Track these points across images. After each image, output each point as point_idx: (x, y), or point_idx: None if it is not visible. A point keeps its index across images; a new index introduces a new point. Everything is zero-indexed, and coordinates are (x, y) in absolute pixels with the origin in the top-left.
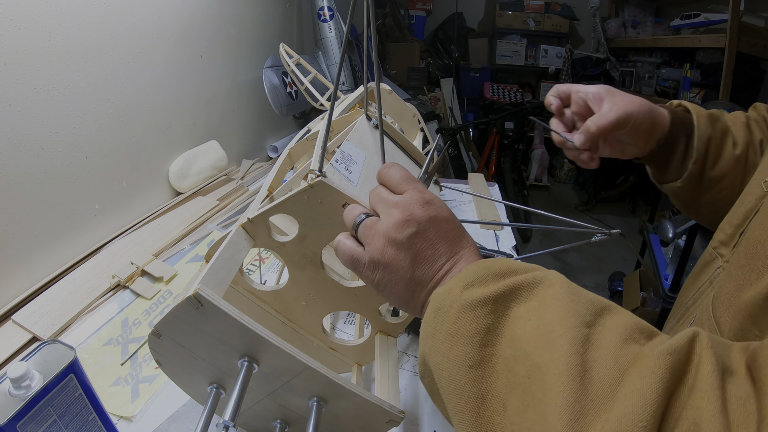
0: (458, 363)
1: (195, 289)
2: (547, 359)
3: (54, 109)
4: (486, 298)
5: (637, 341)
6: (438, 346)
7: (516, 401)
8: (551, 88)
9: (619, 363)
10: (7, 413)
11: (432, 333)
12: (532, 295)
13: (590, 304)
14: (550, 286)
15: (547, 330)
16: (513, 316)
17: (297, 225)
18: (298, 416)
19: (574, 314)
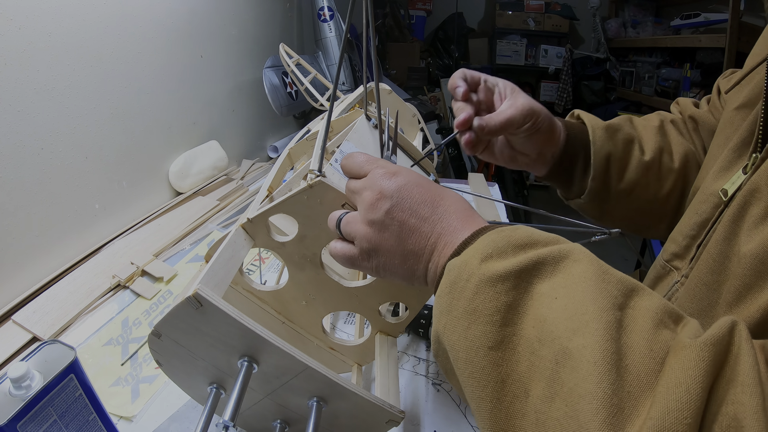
0: (476, 343)
1: (194, 289)
2: (580, 344)
3: (54, 109)
4: (507, 272)
5: (668, 326)
6: (454, 324)
7: (541, 388)
8: (457, 72)
9: (653, 351)
10: (8, 413)
11: (447, 309)
12: (557, 270)
13: (620, 284)
14: (577, 261)
15: (578, 311)
16: (537, 293)
17: (297, 225)
18: (298, 416)
19: (606, 295)
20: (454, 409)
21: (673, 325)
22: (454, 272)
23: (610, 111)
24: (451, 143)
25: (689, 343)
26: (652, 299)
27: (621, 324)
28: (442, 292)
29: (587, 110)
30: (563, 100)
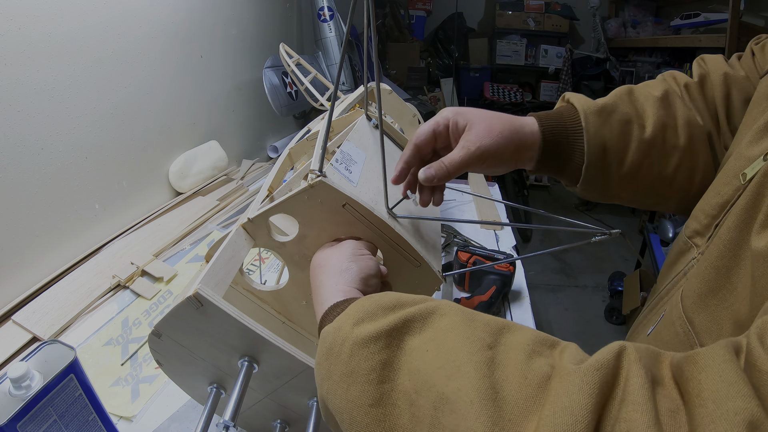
0: (357, 403)
1: (195, 289)
2: (455, 388)
3: (54, 110)
4: (378, 332)
5: (541, 354)
6: (335, 388)
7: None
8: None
9: (528, 378)
10: (8, 413)
11: (327, 375)
12: (426, 325)
13: (487, 326)
14: (443, 315)
15: (448, 359)
16: (409, 348)
17: (297, 225)
18: (298, 416)
19: (473, 339)
20: None
21: (548, 351)
22: (329, 338)
23: None
24: None
25: (573, 369)
26: (522, 334)
27: (493, 361)
28: (321, 359)
29: None
30: None
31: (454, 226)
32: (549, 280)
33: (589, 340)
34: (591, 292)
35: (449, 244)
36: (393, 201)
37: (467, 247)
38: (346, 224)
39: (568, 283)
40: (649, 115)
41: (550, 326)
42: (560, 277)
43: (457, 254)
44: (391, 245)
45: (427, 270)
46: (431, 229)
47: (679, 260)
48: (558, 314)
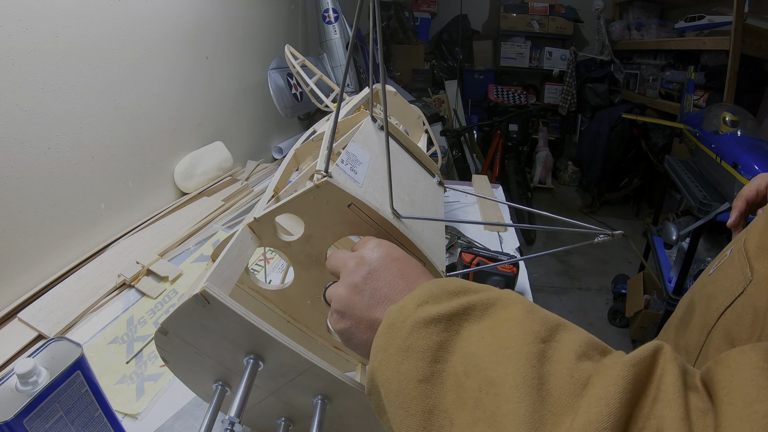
0: (408, 377)
1: (202, 287)
2: (503, 373)
3: (60, 110)
4: (440, 315)
5: (591, 357)
6: (388, 361)
7: (465, 416)
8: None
9: (574, 378)
10: (14, 409)
11: (383, 348)
12: (486, 315)
13: (545, 320)
14: (504, 308)
15: (502, 346)
16: (466, 334)
17: (302, 225)
18: (303, 414)
19: (529, 331)
20: None
21: (597, 356)
22: (392, 315)
23: (614, 113)
24: (456, 145)
25: (611, 364)
26: (577, 334)
27: (544, 355)
28: (381, 333)
29: (591, 112)
30: (567, 102)
31: (458, 228)
32: (552, 282)
33: None
34: (594, 295)
35: (453, 245)
36: (397, 202)
37: (471, 249)
38: (352, 224)
39: (571, 285)
40: None
41: None
42: (563, 279)
43: (460, 255)
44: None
45: (431, 270)
46: (435, 230)
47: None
48: (561, 316)
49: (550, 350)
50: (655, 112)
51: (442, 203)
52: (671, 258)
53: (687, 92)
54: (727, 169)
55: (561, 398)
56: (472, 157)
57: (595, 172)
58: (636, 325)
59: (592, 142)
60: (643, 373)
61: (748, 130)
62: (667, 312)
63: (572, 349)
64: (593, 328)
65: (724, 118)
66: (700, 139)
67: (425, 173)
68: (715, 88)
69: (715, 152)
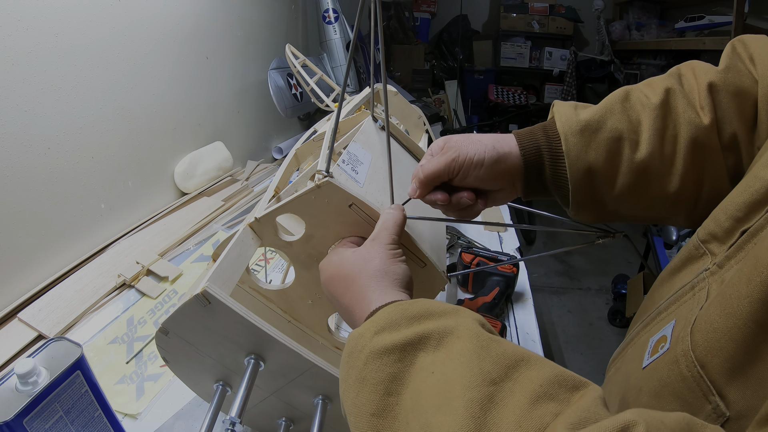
0: (362, 410)
1: (203, 287)
2: (440, 421)
3: (61, 110)
4: (394, 345)
5: (554, 398)
6: (348, 391)
7: None
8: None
9: (522, 428)
10: (14, 409)
11: (345, 377)
12: (440, 345)
13: (501, 357)
14: (459, 338)
15: (445, 388)
16: (418, 366)
17: (303, 225)
18: (303, 414)
19: (477, 372)
20: None
21: (564, 394)
22: (351, 343)
23: None
24: None
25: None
26: (541, 370)
27: (491, 399)
28: (343, 360)
29: None
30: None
31: (458, 228)
32: (552, 282)
33: (592, 343)
34: (594, 295)
35: (453, 246)
36: (399, 201)
37: (471, 249)
38: (353, 224)
39: (571, 285)
40: (644, 129)
41: (553, 328)
42: (564, 279)
43: (461, 255)
44: None
45: (432, 270)
46: (436, 230)
47: (686, 268)
48: (561, 316)
49: (501, 393)
50: None
51: None
52: (671, 258)
53: None
54: None
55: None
56: None
57: None
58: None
59: None
60: None
61: None
62: None
63: (529, 390)
64: (593, 328)
65: None
66: None
67: None
68: None
69: None
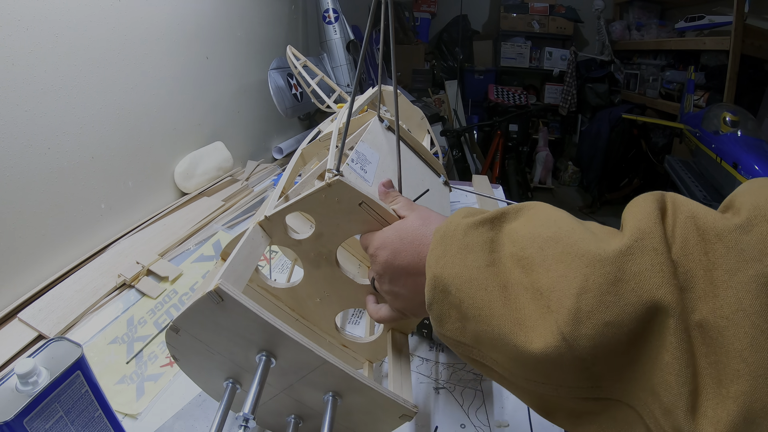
0: (475, 265)
1: (216, 284)
2: (554, 230)
3: (61, 110)
4: (484, 219)
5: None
6: (452, 261)
7: (538, 267)
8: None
9: (604, 227)
10: (14, 409)
11: (442, 254)
12: (519, 214)
13: (569, 214)
14: (531, 208)
15: (546, 221)
16: (508, 229)
17: (309, 225)
18: (313, 411)
19: (561, 212)
20: (457, 408)
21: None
22: (443, 229)
23: (615, 113)
24: (456, 145)
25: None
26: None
27: (580, 221)
28: (435, 244)
29: (591, 112)
30: (567, 102)
31: None
32: None
33: None
34: None
35: None
36: None
37: None
38: (362, 222)
39: None
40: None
41: None
42: None
43: None
44: None
45: None
46: None
47: None
48: None
49: (584, 223)
50: (655, 112)
51: (448, 202)
52: None
53: (687, 92)
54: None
55: (603, 232)
56: (472, 157)
57: (596, 172)
58: None
59: (592, 142)
60: (661, 202)
61: (748, 130)
62: None
63: (592, 223)
64: None
65: (724, 118)
66: (700, 139)
67: (431, 173)
68: (715, 88)
69: (715, 152)
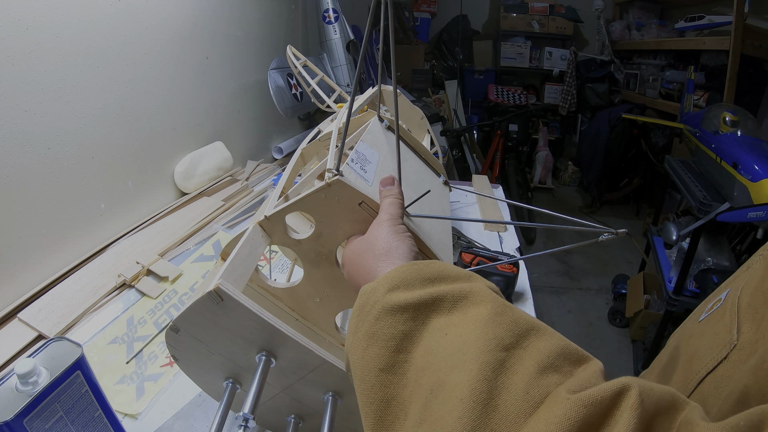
0: (371, 364)
1: (216, 284)
2: (454, 380)
3: (61, 110)
4: (408, 304)
5: (559, 370)
6: (357, 345)
7: (415, 413)
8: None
9: (529, 395)
10: (15, 409)
11: (354, 330)
12: (454, 309)
13: (514, 325)
14: (474, 304)
15: (460, 350)
16: (432, 326)
17: (309, 225)
18: (313, 411)
19: (492, 337)
20: None
21: (569, 367)
22: (363, 297)
23: (614, 113)
24: (456, 145)
25: (563, 398)
26: (549, 341)
27: (503, 365)
28: (354, 313)
29: (591, 112)
30: (567, 102)
31: (458, 228)
32: (552, 282)
33: (593, 343)
34: (594, 295)
35: (453, 246)
36: (406, 200)
37: (471, 249)
38: (362, 222)
39: (571, 285)
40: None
41: (554, 328)
42: (564, 279)
43: (460, 255)
44: None
45: None
46: (443, 229)
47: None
48: (561, 316)
49: (512, 359)
50: (655, 112)
51: (448, 202)
52: (671, 258)
53: (687, 92)
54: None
55: (508, 416)
56: (472, 157)
57: (595, 172)
58: (636, 325)
59: (592, 142)
60: (595, 416)
61: (748, 130)
62: (667, 312)
63: (537, 360)
64: (593, 328)
65: (724, 118)
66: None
67: (431, 173)
68: (715, 88)
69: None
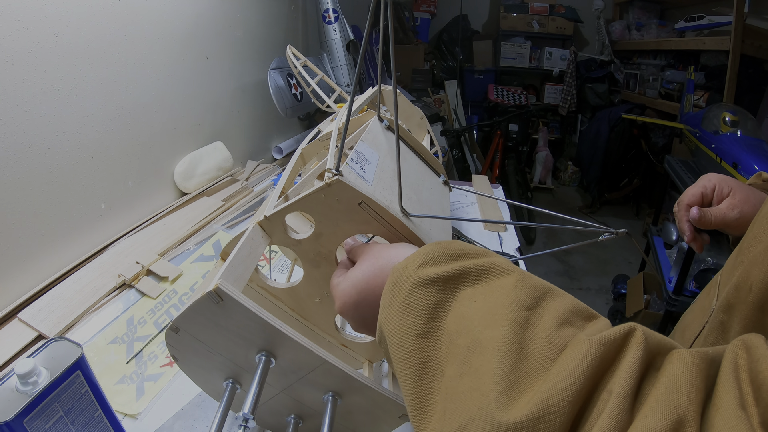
0: (407, 332)
1: (216, 284)
2: (488, 336)
3: (61, 110)
4: (437, 277)
5: (573, 324)
6: (392, 316)
7: (453, 369)
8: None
9: (552, 344)
10: (14, 409)
11: (388, 304)
12: (479, 280)
13: (533, 288)
14: (497, 276)
15: (490, 311)
16: (461, 296)
17: (309, 225)
18: (313, 411)
19: (516, 299)
20: None
21: (581, 322)
22: (396, 274)
23: (614, 113)
24: (456, 145)
25: (584, 340)
26: (563, 301)
27: (527, 321)
28: (387, 289)
29: (591, 112)
30: (567, 102)
31: (458, 228)
32: (552, 282)
33: None
34: (594, 295)
35: None
36: (406, 200)
37: None
38: (362, 222)
39: (571, 285)
40: None
41: None
42: (564, 279)
43: None
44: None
45: None
46: (442, 228)
47: None
48: None
49: (534, 317)
50: (655, 112)
51: (447, 202)
52: (671, 258)
53: (687, 92)
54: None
55: (537, 362)
56: (472, 157)
57: (595, 172)
58: None
59: (592, 142)
60: (611, 352)
61: (748, 130)
62: (667, 312)
63: (555, 316)
64: None
65: (724, 118)
66: (700, 139)
67: (431, 172)
68: (715, 88)
69: (715, 152)
